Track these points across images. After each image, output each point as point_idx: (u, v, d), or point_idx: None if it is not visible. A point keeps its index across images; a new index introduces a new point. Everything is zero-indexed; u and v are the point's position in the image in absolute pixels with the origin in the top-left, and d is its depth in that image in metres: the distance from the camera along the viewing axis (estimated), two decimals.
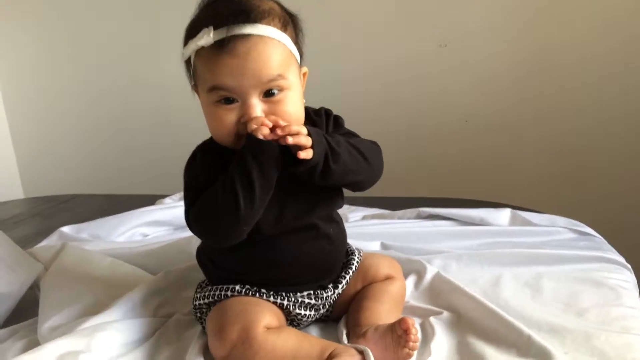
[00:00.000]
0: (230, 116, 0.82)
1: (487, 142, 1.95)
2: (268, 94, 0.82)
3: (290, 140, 0.78)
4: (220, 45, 0.79)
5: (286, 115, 0.82)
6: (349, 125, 0.98)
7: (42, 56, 2.33)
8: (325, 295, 0.92)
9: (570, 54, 1.82)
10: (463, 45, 1.90)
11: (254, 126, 0.80)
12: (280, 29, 0.83)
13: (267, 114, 0.82)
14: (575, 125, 1.87)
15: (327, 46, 1.93)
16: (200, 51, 0.82)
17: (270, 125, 0.80)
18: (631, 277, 1.09)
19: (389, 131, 1.97)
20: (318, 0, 1.92)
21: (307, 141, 0.79)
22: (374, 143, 0.93)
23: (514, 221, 1.33)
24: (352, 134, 0.93)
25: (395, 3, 1.92)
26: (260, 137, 0.79)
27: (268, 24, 0.82)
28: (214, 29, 0.80)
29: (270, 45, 0.81)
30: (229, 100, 0.82)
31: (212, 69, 0.81)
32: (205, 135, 0.93)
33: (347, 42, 1.98)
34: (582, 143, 1.87)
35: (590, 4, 1.77)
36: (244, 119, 0.82)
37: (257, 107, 0.81)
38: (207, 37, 0.79)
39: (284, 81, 0.82)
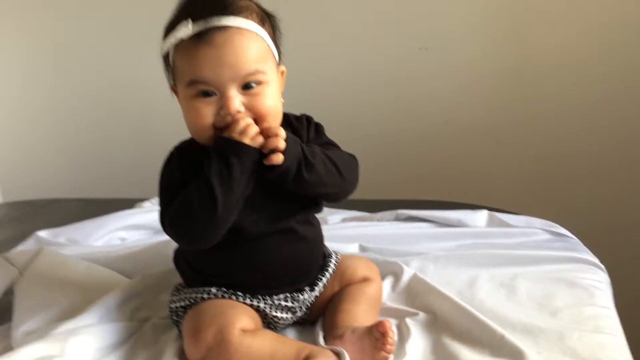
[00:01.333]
0: (208, 109, 0.83)
1: (467, 144, 1.96)
2: (246, 87, 0.83)
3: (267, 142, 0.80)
4: (198, 37, 0.80)
5: (264, 109, 0.83)
6: (329, 126, 0.98)
7: (22, 60, 2.30)
8: (302, 298, 0.92)
9: (552, 59, 1.84)
10: (444, 48, 1.91)
11: (241, 127, 0.80)
12: (258, 24, 0.84)
13: (246, 106, 0.82)
14: (554, 129, 1.88)
15: (306, 48, 1.93)
16: (178, 45, 0.83)
17: (258, 130, 0.81)
18: (605, 277, 1.11)
19: (368, 133, 1.98)
20: (298, 3, 1.93)
21: (280, 145, 0.80)
22: (352, 157, 0.94)
23: (491, 222, 1.34)
24: (331, 144, 0.94)
25: (376, 5, 1.93)
26: (247, 141, 0.80)
27: (246, 17, 0.83)
28: (193, 22, 0.81)
29: (248, 37, 0.82)
30: (207, 94, 0.82)
31: (191, 61, 0.81)
32: (184, 138, 0.93)
33: (327, 44, 1.98)
34: (561, 147, 1.89)
35: (574, 9, 1.79)
36: (223, 112, 0.82)
37: (236, 99, 0.82)
38: (185, 29, 0.81)
39: (262, 75, 0.83)
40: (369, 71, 1.98)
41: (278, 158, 0.81)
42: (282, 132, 0.82)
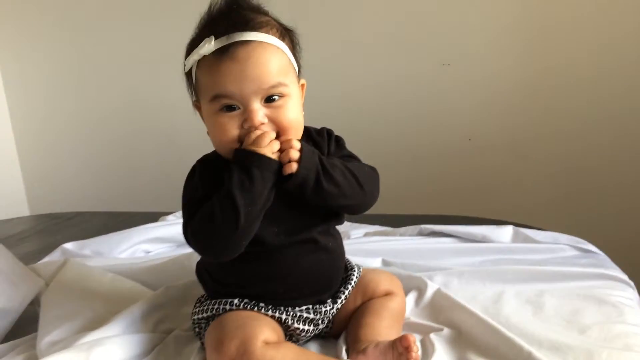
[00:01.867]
0: (232, 123, 0.84)
1: (490, 160, 1.95)
2: (269, 100, 0.84)
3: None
4: (221, 52, 0.82)
5: (287, 121, 0.84)
6: (352, 142, 0.99)
7: (50, 77, 2.36)
8: (324, 309, 0.91)
9: (573, 73, 1.83)
10: (466, 63, 1.92)
11: (261, 139, 0.81)
12: (279, 38, 0.86)
13: (269, 119, 0.84)
14: (579, 143, 1.87)
15: (330, 64, 1.95)
16: (201, 61, 0.84)
17: (278, 143, 0.82)
18: (634, 294, 1.08)
19: (392, 149, 1.98)
20: (321, 18, 1.95)
21: (294, 155, 0.81)
22: (373, 169, 0.94)
23: (516, 238, 1.32)
24: (352, 157, 0.94)
25: (399, 22, 1.94)
26: (267, 153, 0.81)
27: (266, 32, 0.84)
28: (215, 39, 0.82)
29: (269, 51, 0.84)
30: (231, 108, 0.84)
31: (214, 76, 0.83)
32: (207, 152, 0.94)
33: (351, 61, 2.00)
34: (586, 161, 1.87)
35: (594, 22, 1.78)
36: (247, 125, 0.83)
37: (260, 111, 0.83)
38: (208, 45, 0.82)
39: (284, 87, 0.84)
40: (392, 87, 1.99)
41: (291, 167, 0.82)
42: (297, 144, 0.83)
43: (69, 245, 1.45)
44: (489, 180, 1.95)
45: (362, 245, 1.33)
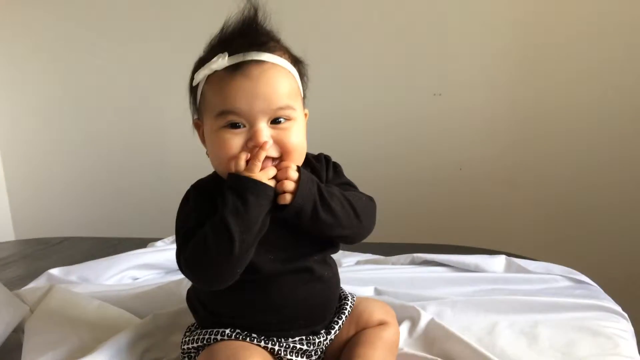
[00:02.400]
0: (236, 140, 0.83)
1: (481, 189, 1.95)
2: (275, 122, 0.83)
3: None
4: (234, 69, 0.82)
5: (291, 145, 0.84)
6: (346, 171, 0.98)
7: (36, 101, 2.34)
8: (317, 340, 0.89)
9: (565, 102, 1.85)
10: (457, 94, 1.93)
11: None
12: (291, 63, 0.86)
13: (274, 140, 0.83)
14: (570, 173, 1.88)
15: (323, 93, 1.94)
16: (211, 77, 0.84)
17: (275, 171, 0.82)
18: (628, 326, 1.08)
19: (384, 177, 1.98)
20: (314, 48, 1.96)
21: (288, 187, 0.81)
22: (370, 199, 0.93)
23: (509, 268, 1.32)
24: (350, 185, 0.94)
25: (391, 53, 1.96)
26: (263, 179, 0.80)
27: (280, 56, 0.85)
28: (229, 55, 0.82)
29: (282, 73, 0.84)
30: (235, 126, 0.83)
31: (224, 92, 0.82)
32: (200, 176, 0.93)
33: (343, 90, 2.01)
34: (578, 192, 1.88)
35: (583, 50, 1.81)
36: (251, 144, 0.82)
37: (265, 131, 0.82)
38: (222, 61, 0.82)
39: (292, 111, 0.84)
40: (384, 116, 2.00)
41: (285, 198, 0.81)
42: (294, 174, 0.82)
43: (54, 271, 1.42)
44: (481, 210, 1.95)
45: (354, 273, 1.31)
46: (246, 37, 0.85)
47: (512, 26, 1.86)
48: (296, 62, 0.89)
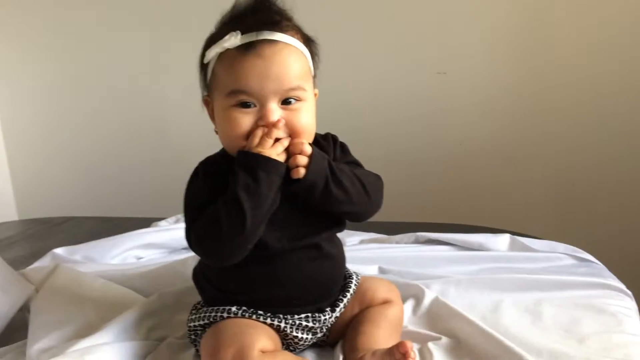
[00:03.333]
0: (246, 119, 0.83)
1: (486, 168, 1.95)
2: (285, 102, 0.83)
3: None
4: (247, 47, 0.81)
5: (301, 125, 0.84)
6: (350, 149, 0.98)
7: (39, 79, 2.33)
8: (323, 318, 0.90)
9: (567, 79, 1.84)
10: (461, 72, 1.92)
11: (268, 142, 0.80)
12: (303, 43, 0.86)
13: (285, 121, 0.83)
14: (573, 150, 1.87)
15: (326, 72, 1.93)
16: (223, 55, 0.83)
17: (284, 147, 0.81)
18: (632, 304, 1.08)
19: (388, 156, 1.97)
20: (317, 27, 1.94)
21: (301, 161, 0.81)
22: (378, 177, 0.93)
23: (513, 247, 1.32)
24: (357, 164, 0.94)
25: (395, 32, 1.94)
26: (274, 155, 0.80)
27: (293, 35, 0.85)
28: (242, 34, 0.82)
29: (295, 54, 0.84)
30: (246, 105, 0.83)
31: (236, 71, 0.82)
32: (203, 156, 0.92)
33: (347, 69, 1.99)
34: (580, 169, 1.87)
35: (588, 30, 1.79)
36: (262, 123, 0.82)
37: (276, 112, 0.82)
38: (234, 39, 0.82)
39: (303, 92, 0.84)
40: (388, 95, 1.99)
41: (299, 172, 0.81)
42: (308, 149, 0.82)
43: (59, 251, 1.42)
44: (482, 185, 1.95)
45: (358, 252, 1.32)
46: (259, 15, 0.84)
47: (514, 2, 1.84)
48: (308, 41, 0.88)
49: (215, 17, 0.89)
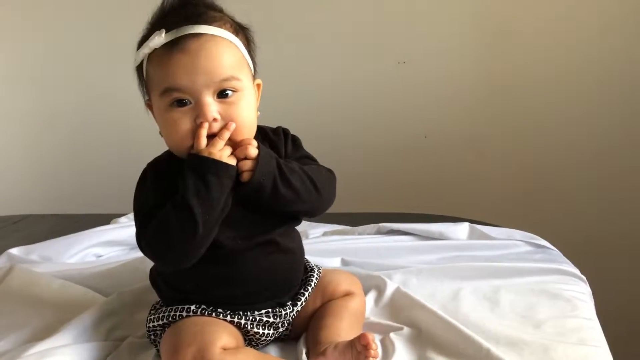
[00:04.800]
0: (185, 119, 0.82)
1: (446, 157, 1.97)
2: (221, 95, 0.82)
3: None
4: (171, 45, 0.80)
5: (240, 118, 0.83)
6: (310, 142, 0.98)
7: None
8: (284, 313, 0.90)
9: (530, 71, 1.87)
10: (422, 62, 1.93)
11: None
12: (232, 33, 0.84)
13: (222, 115, 0.82)
14: (532, 141, 1.91)
15: (286, 63, 1.93)
16: (152, 55, 0.83)
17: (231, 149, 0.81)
18: (586, 288, 1.11)
19: (348, 146, 1.98)
20: (276, 16, 1.93)
21: (246, 166, 0.81)
22: (330, 172, 0.93)
23: (472, 235, 1.34)
24: (309, 158, 0.94)
25: (354, 20, 1.94)
26: (224, 158, 0.80)
27: (219, 26, 0.83)
28: (166, 32, 0.81)
29: (222, 44, 0.82)
30: (182, 103, 0.81)
31: (165, 69, 0.81)
32: (163, 150, 0.91)
33: (307, 59, 1.99)
34: (539, 159, 1.91)
35: (552, 20, 1.82)
36: (199, 120, 0.81)
37: (212, 106, 0.81)
38: (158, 38, 0.80)
39: (238, 82, 0.83)
40: (348, 85, 1.99)
41: (243, 176, 0.81)
42: (253, 151, 0.82)
43: (14, 251, 1.38)
44: (446, 178, 1.98)
45: (321, 245, 1.32)
46: (182, 10, 0.83)
47: None
48: (239, 30, 0.87)
49: None
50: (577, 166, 1.88)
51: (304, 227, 1.45)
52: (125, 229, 1.47)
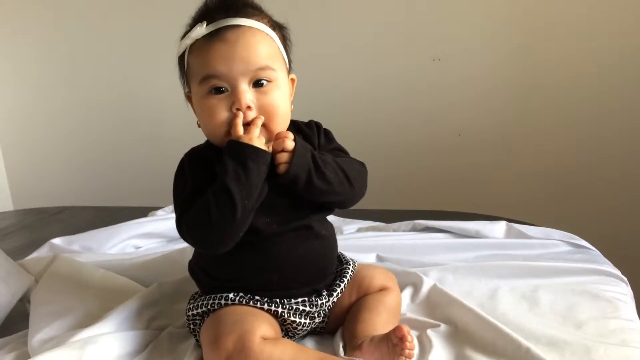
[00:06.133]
0: (221, 105, 0.85)
1: (481, 155, 1.95)
2: (257, 85, 0.85)
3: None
4: (212, 35, 0.84)
5: (273, 108, 0.86)
6: (345, 139, 0.99)
7: (34, 70, 2.31)
8: (319, 302, 0.91)
9: (564, 69, 1.84)
10: (457, 59, 1.91)
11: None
12: (269, 27, 0.88)
13: (257, 104, 0.85)
14: (569, 138, 1.88)
15: (321, 61, 1.93)
16: (193, 46, 0.87)
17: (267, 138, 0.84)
18: (627, 289, 1.09)
19: (383, 143, 1.97)
20: (312, 15, 1.93)
21: (282, 158, 0.83)
22: (362, 165, 0.95)
23: (509, 234, 1.33)
24: (342, 151, 0.95)
25: (389, 17, 1.94)
26: (261, 145, 0.82)
27: (257, 20, 0.87)
28: (207, 24, 0.85)
29: (259, 36, 0.86)
30: (219, 90, 0.85)
31: (204, 57, 0.85)
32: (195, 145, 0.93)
33: (342, 57, 1.99)
34: (576, 157, 1.88)
35: (587, 19, 1.79)
36: (235, 107, 0.84)
37: (247, 93, 0.85)
38: (200, 29, 0.85)
39: (273, 72, 0.86)
40: (383, 82, 1.98)
41: (280, 168, 0.84)
42: (290, 144, 0.84)
43: (57, 241, 1.42)
44: (479, 176, 1.96)
45: (356, 240, 1.32)
46: (224, 5, 0.87)
47: None
48: (276, 27, 0.90)
49: None
50: (615, 163, 1.84)
51: (338, 223, 1.46)
52: (163, 221, 1.50)
